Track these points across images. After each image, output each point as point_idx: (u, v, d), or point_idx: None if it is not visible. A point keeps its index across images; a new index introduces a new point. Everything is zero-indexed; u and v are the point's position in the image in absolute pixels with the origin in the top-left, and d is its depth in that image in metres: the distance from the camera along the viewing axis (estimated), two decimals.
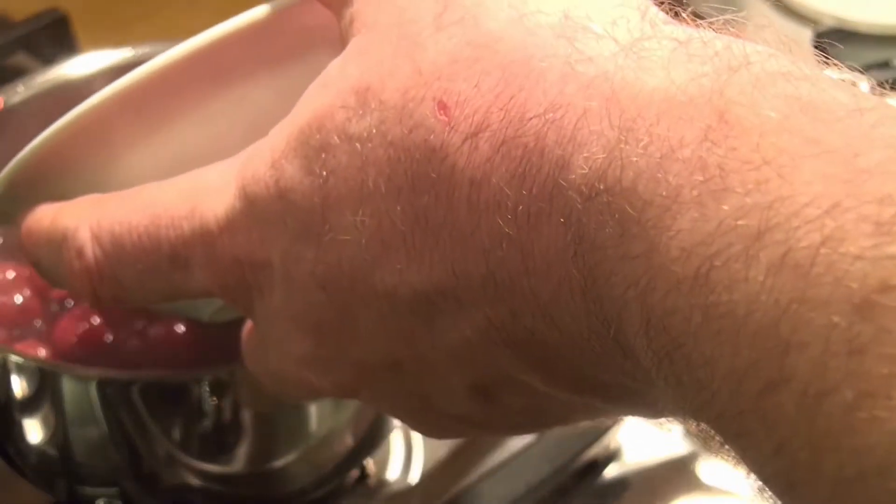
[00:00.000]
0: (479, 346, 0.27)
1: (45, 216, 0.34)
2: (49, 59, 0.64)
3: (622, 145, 0.22)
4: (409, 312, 0.27)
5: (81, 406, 0.41)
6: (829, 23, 0.79)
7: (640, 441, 0.53)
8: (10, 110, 0.50)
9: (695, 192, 0.21)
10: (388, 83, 0.26)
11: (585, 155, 0.23)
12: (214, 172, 0.31)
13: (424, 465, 0.52)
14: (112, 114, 0.33)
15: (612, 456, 0.52)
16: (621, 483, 0.52)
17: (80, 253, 0.32)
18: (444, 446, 0.53)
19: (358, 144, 0.26)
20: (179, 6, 0.74)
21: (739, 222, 0.20)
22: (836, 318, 0.18)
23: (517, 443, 0.52)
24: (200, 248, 0.30)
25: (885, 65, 0.74)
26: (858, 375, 0.18)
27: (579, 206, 0.23)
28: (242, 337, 0.36)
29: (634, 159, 0.22)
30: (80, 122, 0.33)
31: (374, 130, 0.26)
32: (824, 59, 0.24)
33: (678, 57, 0.23)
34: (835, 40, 0.78)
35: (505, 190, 0.24)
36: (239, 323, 0.36)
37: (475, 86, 0.25)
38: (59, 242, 0.33)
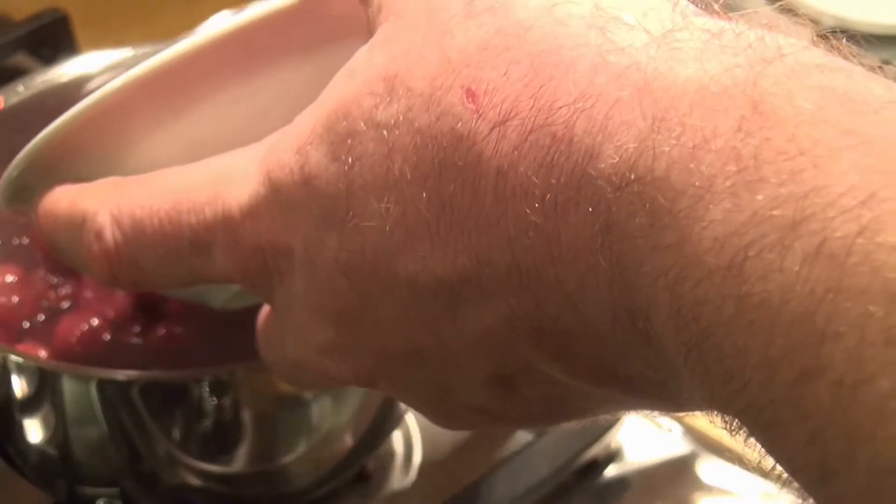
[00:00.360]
0: (502, 335, 0.27)
1: (65, 198, 0.34)
2: (49, 59, 0.64)
3: (654, 135, 0.22)
4: (431, 300, 0.27)
5: (81, 406, 0.41)
6: (829, 23, 0.79)
7: (640, 441, 0.53)
8: (10, 110, 0.50)
9: (728, 183, 0.21)
10: (416, 71, 0.26)
11: (616, 144, 0.23)
12: (238, 158, 0.31)
13: (424, 465, 0.52)
14: (135, 98, 0.33)
15: (612, 456, 0.52)
16: (621, 483, 0.52)
17: (99, 235, 0.32)
18: (444, 446, 0.53)
19: (385, 131, 0.26)
20: (179, 6, 0.74)
21: (774, 212, 0.20)
22: (872, 308, 0.18)
23: (517, 442, 0.52)
24: (222, 234, 0.30)
25: (885, 65, 0.74)
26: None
27: (609, 196, 0.23)
28: (258, 324, 0.35)
29: (667, 149, 0.22)
30: (102, 106, 0.33)
31: (402, 118, 0.26)
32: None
33: (711, 48, 0.23)
34: None
35: (532, 178, 0.24)
36: (244, 317, 0.36)
37: (504, 74, 0.25)
38: (78, 224, 0.33)
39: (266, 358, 0.35)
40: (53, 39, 0.67)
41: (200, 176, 0.31)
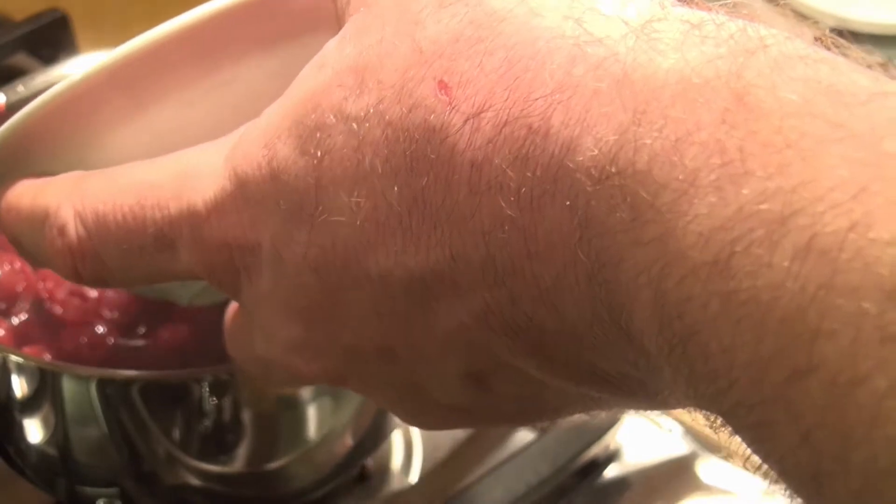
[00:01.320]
0: (476, 331, 0.26)
1: (27, 192, 0.33)
2: (49, 59, 0.64)
3: (635, 127, 0.22)
4: (403, 296, 0.27)
5: (81, 406, 0.41)
6: (829, 23, 0.79)
7: (640, 441, 0.53)
8: (10, 110, 0.50)
9: (713, 176, 0.20)
10: (387, 62, 0.25)
11: (595, 136, 0.22)
12: (204, 152, 0.30)
13: (424, 465, 0.52)
14: (98, 90, 0.32)
15: (612, 456, 0.52)
16: (621, 483, 0.52)
17: (62, 231, 0.31)
18: (444, 446, 0.53)
19: (355, 124, 0.26)
20: (179, 7, 0.74)
21: (761, 206, 0.20)
22: (866, 305, 0.18)
23: (517, 443, 0.52)
24: (187, 230, 0.30)
25: (885, 65, 0.74)
26: (891, 363, 0.18)
27: (588, 189, 0.22)
28: (226, 321, 0.35)
29: (648, 142, 0.22)
30: (64, 98, 0.32)
31: (372, 110, 0.25)
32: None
33: (691, 39, 0.23)
34: None
35: (507, 171, 0.24)
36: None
37: (478, 65, 0.24)
38: (41, 220, 0.32)
39: (235, 356, 0.35)
40: (53, 39, 0.67)
41: (165, 170, 0.30)
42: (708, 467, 0.52)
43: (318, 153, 0.26)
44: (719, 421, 0.22)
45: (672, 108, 0.22)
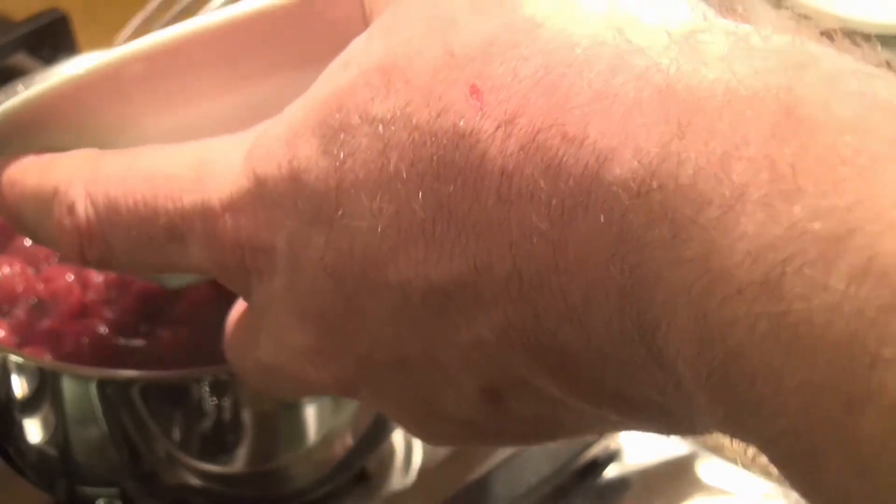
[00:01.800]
0: (496, 346, 0.25)
1: (33, 167, 0.32)
2: (49, 59, 0.64)
3: (679, 140, 0.21)
4: (422, 306, 0.26)
5: (81, 406, 0.41)
6: (829, 23, 0.79)
7: (640, 441, 0.53)
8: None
9: (762, 193, 0.20)
10: (417, 62, 0.25)
11: (635, 148, 0.21)
12: (223, 145, 0.29)
13: (424, 465, 0.52)
14: (130, 74, 0.31)
15: (612, 456, 0.52)
16: (621, 483, 0.52)
17: (71, 210, 0.30)
18: (444, 446, 0.53)
19: (380, 126, 0.25)
20: None
21: (815, 225, 0.19)
22: None
23: None
24: (200, 225, 0.29)
25: (885, 65, 0.74)
26: None
27: (625, 203, 0.21)
28: (228, 324, 0.34)
29: (693, 156, 0.21)
30: (93, 76, 0.31)
31: (399, 112, 0.25)
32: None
33: (738, 51, 0.22)
34: None
35: (539, 181, 0.23)
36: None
37: (512, 71, 0.23)
38: (48, 197, 0.31)
39: (235, 362, 0.33)
40: (53, 39, 0.67)
41: (183, 160, 0.29)
42: (708, 467, 0.52)
43: (342, 154, 0.26)
44: (752, 451, 0.21)
45: (718, 121, 0.21)
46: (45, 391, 0.41)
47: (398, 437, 0.52)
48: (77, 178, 0.30)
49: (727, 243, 0.20)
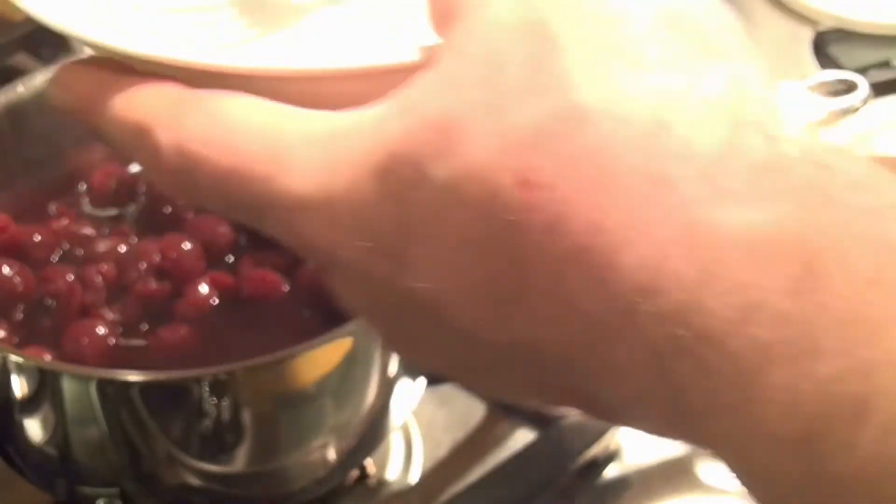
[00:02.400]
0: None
1: (115, 93, 0.31)
2: (49, 59, 0.64)
3: (703, 289, 0.21)
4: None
5: (81, 406, 0.41)
6: (829, 23, 0.79)
7: (640, 441, 0.53)
8: (11, 110, 0.50)
9: (786, 350, 0.20)
10: (471, 131, 0.24)
11: (665, 293, 0.22)
12: (307, 138, 0.28)
13: (424, 465, 0.52)
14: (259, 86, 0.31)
15: (612, 456, 0.52)
16: (621, 483, 0.52)
17: (156, 155, 0.29)
18: (444, 446, 0.53)
19: (437, 189, 0.25)
20: None
21: (839, 387, 0.20)
22: None
23: (517, 442, 0.52)
24: (269, 213, 0.28)
25: (885, 65, 0.74)
26: None
27: (662, 345, 0.22)
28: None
29: (717, 306, 0.21)
30: (238, 77, 0.30)
31: (452, 182, 0.24)
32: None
33: (759, 189, 0.22)
34: (835, 40, 0.78)
35: (578, 293, 0.23)
36: (244, 318, 0.35)
37: (556, 167, 0.23)
38: (132, 132, 0.30)
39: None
40: (53, 39, 0.67)
41: (263, 140, 0.28)
42: (708, 467, 0.52)
43: (401, 205, 0.25)
44: None
45: (739, 272, 0.21)
46: (45, 391, 0.41)
47: (398, 437, 0.52)
48: (159, 124, 0.29)
49: (759, 398, 0.21)
